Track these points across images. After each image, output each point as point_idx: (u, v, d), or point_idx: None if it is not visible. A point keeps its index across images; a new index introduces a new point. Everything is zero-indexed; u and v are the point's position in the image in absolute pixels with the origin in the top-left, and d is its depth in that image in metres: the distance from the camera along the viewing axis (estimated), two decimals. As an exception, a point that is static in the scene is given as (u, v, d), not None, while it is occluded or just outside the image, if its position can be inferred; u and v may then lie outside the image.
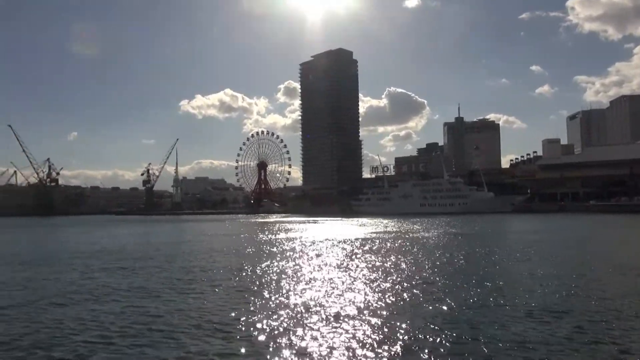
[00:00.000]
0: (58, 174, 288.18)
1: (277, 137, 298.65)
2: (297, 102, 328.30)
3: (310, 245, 41.05)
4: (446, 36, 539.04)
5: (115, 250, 40.17)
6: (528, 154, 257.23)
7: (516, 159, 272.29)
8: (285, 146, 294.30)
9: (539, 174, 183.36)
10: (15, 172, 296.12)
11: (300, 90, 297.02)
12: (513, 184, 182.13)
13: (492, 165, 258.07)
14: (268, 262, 28.66)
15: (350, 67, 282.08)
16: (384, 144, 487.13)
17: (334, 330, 12.99)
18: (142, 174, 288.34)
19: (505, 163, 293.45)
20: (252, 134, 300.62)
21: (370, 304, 16.23)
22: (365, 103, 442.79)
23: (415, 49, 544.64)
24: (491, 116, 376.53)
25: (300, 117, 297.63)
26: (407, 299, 17.02)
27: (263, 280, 21.87)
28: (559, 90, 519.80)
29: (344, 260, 29.03)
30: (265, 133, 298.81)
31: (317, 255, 31.95)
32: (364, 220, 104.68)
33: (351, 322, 13.80)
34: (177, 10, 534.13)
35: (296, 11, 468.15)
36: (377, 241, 43.91)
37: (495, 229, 67.79)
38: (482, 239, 47.14)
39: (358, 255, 31.43)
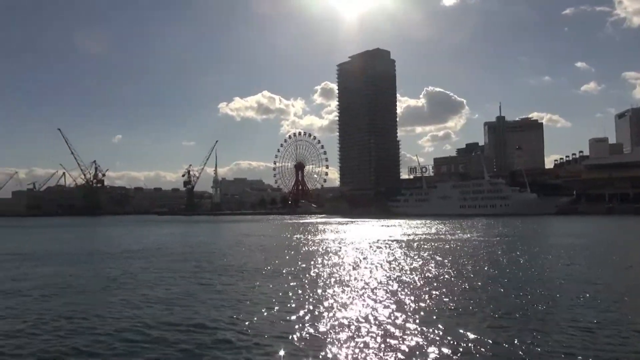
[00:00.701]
0: (104, 175, 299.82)
1: (314, 138, 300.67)
2: (333, 103, 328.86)
3: (349, 246, 41.04)
4: (485, 34, 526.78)
5: (177, 249, 41.43)
6: (573, 154, 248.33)
7: (561, 159, 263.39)
8: (322, 147, 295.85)
9: (585, 174, 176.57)
10: (64, 173, 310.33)
11: (337, 91, 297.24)
12: (557, 185, 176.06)
13: (535, 166, 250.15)
14: (309, 264, 28.85)
15: (388, 67, 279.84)
16: (422, 145, 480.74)
17: (372, 334, 12.98)
18: (183, 175, 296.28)
19: (549, 163, 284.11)
20: (290, 135, 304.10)
21: (412, 309, 16.11)
22: (402, 103, 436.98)
23: (453, 47, 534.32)
24: (534, 115, 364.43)
25: (337, 118, 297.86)
26: (448, 304, 16.79)
27: (304, 282, 22.03)
28: (606, 87, 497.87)
29: (383, 262, 28.88)
30: (302, 134, 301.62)
31: (357, 257, 31.90)
32: (402, 221, 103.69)
33: (390, 327, 13.74)
34: (214, 13, 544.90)
35: (331, 12, 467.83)
36: (416, 243, 43.43)
37: (539, 231, 65.75)
38: (525, 241, 45.80)
39: (398, 258, 31.19)
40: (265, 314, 15.75)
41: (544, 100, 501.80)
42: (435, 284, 21.00)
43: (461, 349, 11.75)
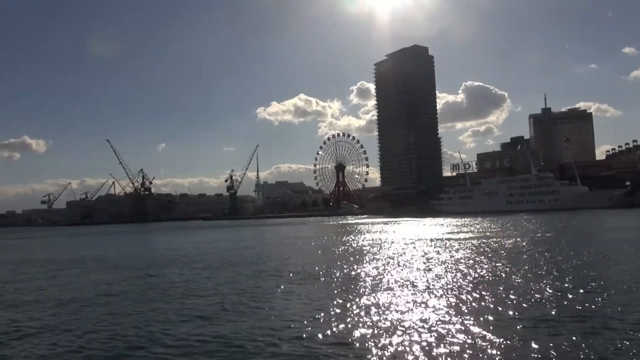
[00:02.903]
0: (151, 183, 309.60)
1: (354, 138, 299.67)
2: (370, 103, 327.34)
3: (394, 247, 40.60)
4: (523, 24, 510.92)
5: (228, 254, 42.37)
6: (627, 144, 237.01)
7: (613, 149, 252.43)
8: (362, 146, 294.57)
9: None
10: (113, 182, 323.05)
11: (375, 90, 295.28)
12: (610, 177, 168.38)
13: (586, 158, 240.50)
14: (357, 265, 28.73)
15: (426, 64, 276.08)
16: (463, 140, 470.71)
17: (419, 334, 12.76)
18: (226, 181, 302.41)
19: (600, 155, 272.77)
20: (329, 137, 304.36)
21: (463, 310, 15.76)
22: (441, 99, 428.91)
23: (491, 39, 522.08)
24: (581, 105, 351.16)
25: (374, 118, 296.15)
26: (495, 304, 16.32)
27: (352, 284, 21.95)
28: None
29: (430, 263, 28.41)
30: (341, 135, 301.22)
31: (403, 258, 31.54)
32: (447, 220, 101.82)
33: (439, 329, 13.48)
34: (247, 19, 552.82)
35: (364, 10, 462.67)
36: (465, 242, 42.52)
37: (598, 225, 63.03)
38: (582, 238, 43.99)
39: (447, 259, 30.61)
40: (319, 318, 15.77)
41: (591, 89, 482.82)
42: (484, 285, 20.45)
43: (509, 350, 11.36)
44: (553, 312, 15.16)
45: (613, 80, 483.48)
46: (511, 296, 17.86)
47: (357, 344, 12.66)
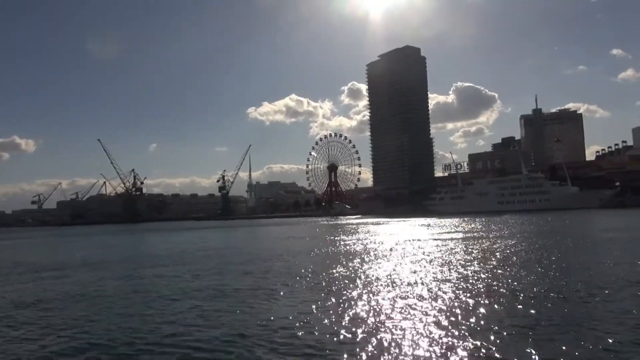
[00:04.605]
0: (142, 183, 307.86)
1: (346, 138, 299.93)
2: (361, 104, 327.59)
3: (385, 247, 40.67)
4: (513, 25, 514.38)
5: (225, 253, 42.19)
6: (616, 144, 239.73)
7: (602, 150, 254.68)
8: (354, 147, 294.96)
9: (630, 165, 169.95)
10: (105, 183, 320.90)
11: (366, 91, 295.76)
12: (600, 178, 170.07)
13: (576, 158, 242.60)
14: (351, 265, 28.73)
15: (418, 64, 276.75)
16: (454, 141, 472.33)
17: (402, 336, 12.79)
18: (218, 181, 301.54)
19: (589, 155, 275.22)
20: (321, 137, 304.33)
21: (455, 314, 15.81)
22: (432, 99, 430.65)
23: (481, 40, 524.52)
24: (570, 105, 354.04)
25: (366, 118, 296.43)
26: (485, 307, 16.41)
27: (337, 284, 21.94)
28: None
29: (418, 263, 28.48)
30: (334, 135, 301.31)
31: (393, 258, 31.60)
32: (439, 219, 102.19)
33: (435, 333, 13.52)
34: (237, 19, 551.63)
35: (356, 11, 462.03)
36: (457, 242, 42.70)
37: (587, 225, 63.56)
38: (577, 237, 44.33)
39: (435, 258, 30.71)
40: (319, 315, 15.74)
41: (580, 90, 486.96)
42: (481, 284, 20.55)
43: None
44: (537, 313, 15.25)
45: (601, 81, 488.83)
46: (498, 296, 17.95)
47: (335, 345, 12.64)
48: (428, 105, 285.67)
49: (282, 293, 20.58)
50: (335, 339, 13.06)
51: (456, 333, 12.96)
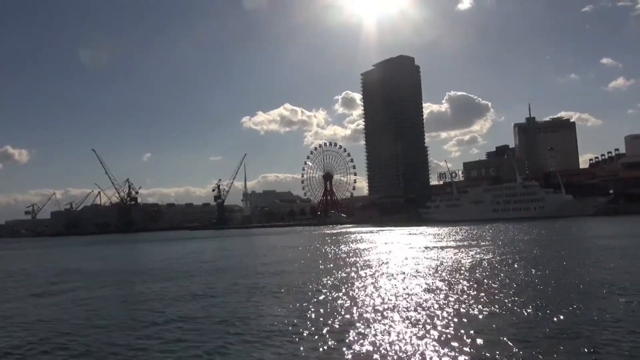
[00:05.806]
0: (137, 192, 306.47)
1: (341, 147, 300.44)
2: (355, 113, 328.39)
3: (377, 256, 40.71)
4: (505, 35, 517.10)
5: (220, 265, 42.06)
6: (609, 152, 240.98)
7: (595, 158, 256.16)
8: (349, 155, 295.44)
9: (623, 173, 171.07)
10: (99, 192, 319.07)
11: (361, 100, 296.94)
12: (594, 185, 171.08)
13: (570, 166, 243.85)
14: (337, 275, 28.74)
15: (412, 74, 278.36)
16: (448, 149, 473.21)
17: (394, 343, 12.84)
18: (213, 190, 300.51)
19: (583, 163, 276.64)
20: (316, 147, 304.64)
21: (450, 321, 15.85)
22: (425, 109, 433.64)
23: (473, 50, 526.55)
24: (562, 114, 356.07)
25: (361, 127, 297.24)
26: (478, 314, 16.46)
27: (332, 295, 21.96)
28: (636, 82, 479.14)
29: (411, 271, 28.53)
30: (329, 144, 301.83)
31: (386, 266, 31.63)
32: (435, 228, 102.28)
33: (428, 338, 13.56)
34: (231, 28, 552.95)
35: (349, 21, 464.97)
36: (453, 250, 42.77)
37: (582, 234, 63.82)
38: (574, 245, 44.54)
39: (428, 266, 30.77)
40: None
41: (573, 99, 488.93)
42: (478, 292, 20.62)
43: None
44: (531, 321, 15.32)
45: (593, 90, 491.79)
46: (491, 303, 18.03)
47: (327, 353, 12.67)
48: (422, 114, 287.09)
49: (271, 304, 20.58)
50: (325, 347, 13.09)
51: (450, 342, 13.01)
